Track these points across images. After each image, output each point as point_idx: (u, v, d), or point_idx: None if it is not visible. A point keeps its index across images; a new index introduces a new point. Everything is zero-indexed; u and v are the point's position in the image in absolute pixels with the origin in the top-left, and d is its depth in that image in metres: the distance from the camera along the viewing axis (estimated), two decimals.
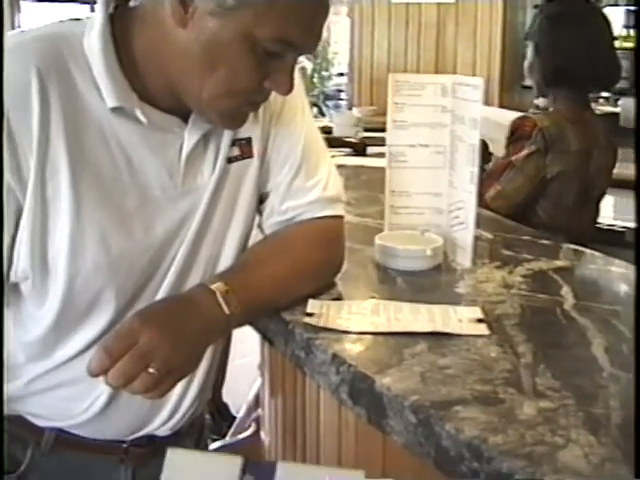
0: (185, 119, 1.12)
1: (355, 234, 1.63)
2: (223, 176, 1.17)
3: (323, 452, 1.56)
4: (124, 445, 1.24)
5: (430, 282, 1.36)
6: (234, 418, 2.69)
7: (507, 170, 2.15)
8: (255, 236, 1.27)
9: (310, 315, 1.18)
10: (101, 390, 1.17)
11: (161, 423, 1.23)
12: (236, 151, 1.19)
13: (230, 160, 1.18)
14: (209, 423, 1.49)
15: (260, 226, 1.28)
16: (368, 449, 1.32)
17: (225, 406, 2.88)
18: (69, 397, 1.18)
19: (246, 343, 2.29)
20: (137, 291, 1.13)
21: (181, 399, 1.24)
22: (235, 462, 0.81)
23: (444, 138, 1.50)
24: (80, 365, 1.14)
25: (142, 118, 1.07)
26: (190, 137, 1.12)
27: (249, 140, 1.21)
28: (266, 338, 1.25)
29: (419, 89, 1.50)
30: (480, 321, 1.17)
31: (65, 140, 1.03)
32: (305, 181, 1.24)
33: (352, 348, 1.07)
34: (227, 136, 1.17)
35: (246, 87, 1.05)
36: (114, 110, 1.06)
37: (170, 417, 1.24)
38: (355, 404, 1.02)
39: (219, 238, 1.19)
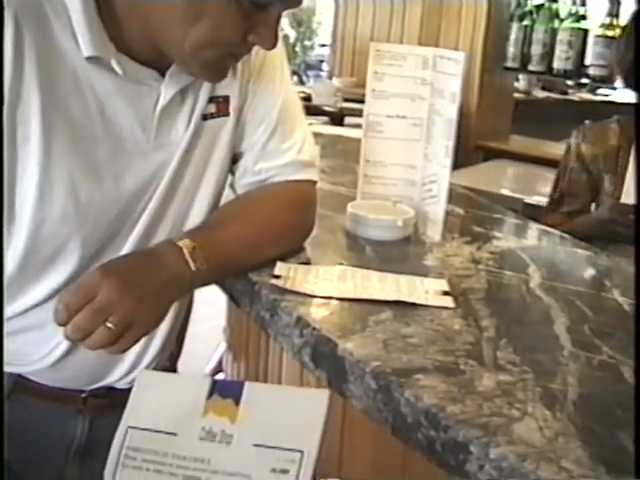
0: (162, 73, 1.11)
1: (327, 201, 1.63)
2: (197, 133, 1.16)
3: None
4: (82, 395, 1.24)
5: (399, 253, 1.36)
6: None
7: None
8: (227, 196, 1.26)
9: (277, 277, 1.17)
10: (61, 338, 1.17)
11: (121, 376, 1.23)
12: (212, 108, 1.19)
13: (205, 117, 1.18)
14: None
15: (232, 186, 1.28)
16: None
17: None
18: (29, 342, 1.18)
19: (211, 307, 2.29)
20: (103, 243, 1.13)
21: (142, 353, 1.24)
22: (203, 383, 0.81)
23: (422, 111, 1.49)
24: (42, 313, 1.14)
25: (118, 69, 1.06)
26: (167, 91, 1.11)
27: (226, 98, 1.20)
28: (232, 298, 1.25)
29: (400, 60, 1.49)
30: (446, 293, 1.17)
31: (38, 85, 1.01)
32: (280, 143, 1.24)
33: (317, 312, 1.08)
34: (204, 93, 1.17)
35: (230, 38, 1.04)
36: (90, 59, 1.04)
37: (130, 370, 1.24)
38: (317, 367, 1.02)
39: (189, 195, 1.19)
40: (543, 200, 2.92)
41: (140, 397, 0.85)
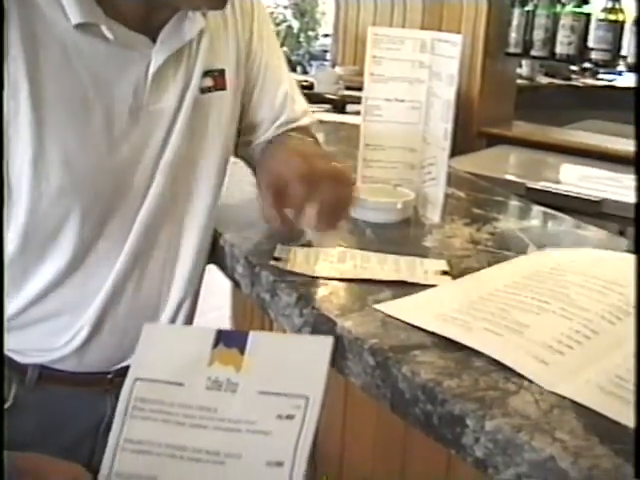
0: (153, 39, 1.12)
1: None
2: (197, 107, 1.18)
3: None
4: (109, 376, 1.25)
5: (399, 235, 1.37)
6: None
7: None
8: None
9: (277, 259, 1.19)
10: (82, 324, 1.18)
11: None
12: (209, 82, 1.21)
13: (203, 91, 1.20)
14: None
15: (242, 153, 1.38)
16: (330, 391, 1.34)
17: None
18: (49, 331, 1.19)
19: (218, 297, 2.30)
20: (104, 218, 1.14)
21: None
22: (209, 333, 0.83)
23: (420, 94, 1.50)
24: (55, 299, 1.15)
25: (108, 34, 1.06)
26: (157, 57, 1.12)
27: (222, 72, 1.23)
28: (233, 281, 1.26)
29: (398, 43, 1.50)
30: (445, 273, 1.18)
31: (24, 59, 1.02)
32: (291, 97, 1.39)
33: (317, 292, 1.09)
34: (199, 67, 1.19)
35: None
36: (78, 27, 1.05)
37: None
38: None
39: (196, 170, 1.21)
40: (547, 185, 2.93)
41: (146, 349, 0.86)
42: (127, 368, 1.23)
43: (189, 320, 1.32)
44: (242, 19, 1.29)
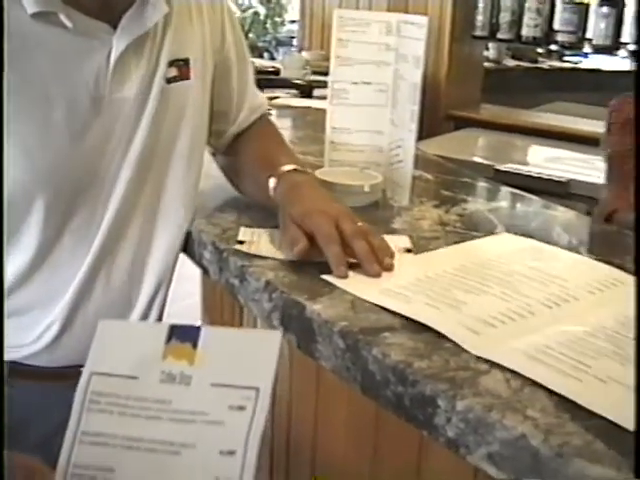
0: (114, 26, 1.10)
1: None
2: (164, 96, 1.17)
3: None
4: (82, 369, 1.23)
5: (367, 218, 1.35)
6: None
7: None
8: None
9: (241, 243, 1.18)
10: (52, 320, 1.17)
11: None
12: (174, 72, 1.19)
13: (169, 81, 1.18)
14: None
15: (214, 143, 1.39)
16: (302, 376, 1.34)
17: None
18: (18, 328, 1.16)
19: (190, 283, 2.29)
20: (70, 212, 1.12)
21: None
22: (162, 328, 0.83)
23: (387, 76, 1.49)
24: (22, 295, 1.14)
25: (67, 22, 1.05)
26: (118, 44, 1.10)
27: (186, 61, 1.21)
28: (201, 267, 1.25)
29: (364, 26, 1.49)
30: (408, 251, 1.19)
31: None
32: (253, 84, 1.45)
33: (285, 276, 1.08)
34: (165, 56, 1.17)
35: None
36: (36, 16, 1.03)
37: None
38: (286, 330, 1.03)
39: (166, 161, 1.20)
40: (515, 167, 2.94)
41: (101, 344, 0.88)
42: None
43: (162, 311, 1.31)
44: (212, 8, 1.29)
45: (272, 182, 1.25)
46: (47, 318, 1.17)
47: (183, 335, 0.82)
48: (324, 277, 1.07)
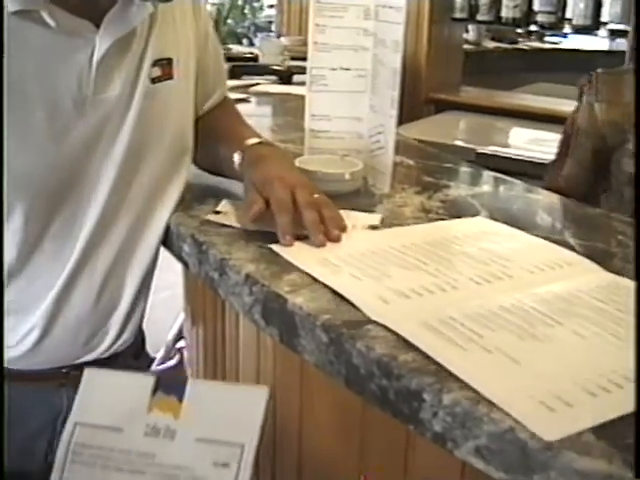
0: (97, 24, 1.08)
1: None
2: (149, 96, 1.15)
3: (243, 379, 1.55)
4: (63, 370, 1.21)
5: (348, 205, 1.33)
6: (152, 360, 2.67)
7: None
8: None
9: (217, 213, 1.18)
10: (32, 325, 1.15)
11: (103, 350, 1.22)
12: (158, 71, 1.17)
13: (154, 81, 1.16)
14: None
15: None
16: (286, 370, 1.32)
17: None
18: None
19: (172, 274, 2.26)
20: (50, 214, 1.10)
21: (124, 326, 1.23)
22: (148, 380, 0.84)
23: (366, 62, 1.47)
24: (5, 298, 1.11)
25: (50, 21, 1.02)
26: (102, 42, 1.07)
27: (170, 61, 1.20)
28: (181, 260, 1.23)
29: (341, 11, 1.46)
30: (373, 228, 1.21)
31: None
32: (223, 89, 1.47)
33: (266, 268, 1.06)
34: (150, 56, 1.15)
35: None
36: (18, 14, 1.00)
37: (112, 344, 1.23)
38: (268, 324, 1.01)
39: (147, 161, 1.18)
40: (497, 150, 2.93)
41: (87, 394, 0.88)
42: (83, 364, 1.22)
43: (143, 312, 1.29)
44: (196, 9, 1.29)
45: (237, 156, 1.26)
46: (27, 323, 1.15)
47: (169, 388, 0.83)
48: (270, 246, 1.10)
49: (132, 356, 1.32)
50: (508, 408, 0.74)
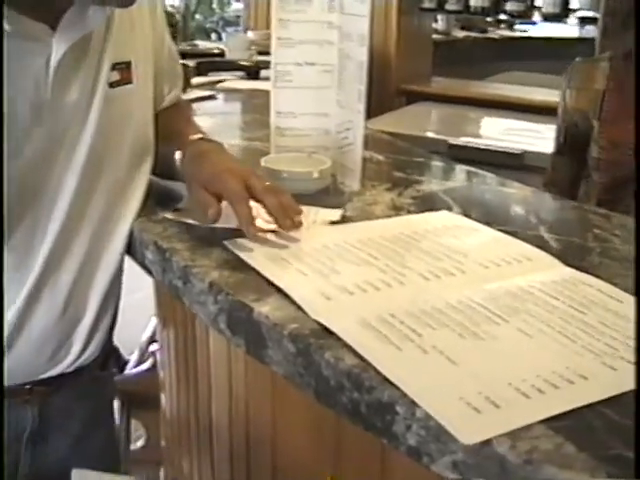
0: (53, 27, 1.03)
1: (242, 158, 1.57)
2: (108, 101, 1.11)
3: (215, 384, 1.52)
4: (27, 387, 1.17)
5: (317, 205, 1.30)
6: (126, 363, 2.63)
7: None
8: None
9: (177, 210, 1.16)
10: None
11: (68, 364, 1.18)
12: (116, 76, 1.13)
13: (112, 85, 1.12)
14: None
15: None
16: (257, 377, 1.28)
17: (115, 350, 2.80)
18: None
19: (145, 275, 2.22)
20: (8, 227, 1.05)
21: (89, 339, 1.19)
22: None
23: (332, 56, 1.43)
24: None
25: (5, 25, 0.97)
26: (59, 46, 1.03)
27: (128, 64, 1.15)
28: (144, 267, 1.19)
29: (304, 4, 1.42)
30: (333, 223, 1.19)
31: None
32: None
33: (230, 275, 1.01)
34: (108, 59, 1.11)
35: None
36: None
37: (78, 358, 1.19)
38: (234, 335, 0.97)
39: (109, 168, 1.13)
40: (470, 141, 2.90)
41: None
42: (48, 379, 1.17)
43: (112, 322, 1.25)
44: (153, 12, 1.26)
45: (178, 154, 1.22)
46: None
47: None
48: (225, 243, 1.08)
49: (98, 368, 1.28)
50: (430, 409, 0.72)
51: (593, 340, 0.85)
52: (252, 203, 1.08)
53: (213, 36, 7.43)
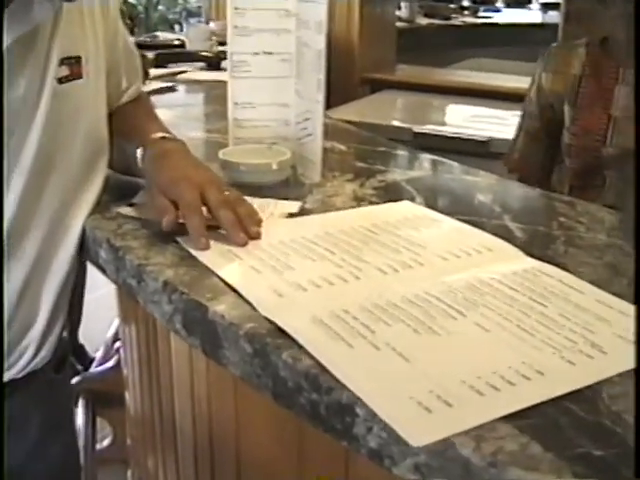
0: None
1: (201, 150, 1.53)
2: (57, 98, 1.06)
3: (177, 382, 1.49)
4: None
5: (276, 197, 1.27)
6: (92, 360, 2.59)
7: None
8: None
9: (132, 205, 1.14)
10: None
11: (19, 371, 1.14)
12: (65, 71, 1.08)
13: (61, 80, 1.07)
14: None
15: None
16: (219, 376, 1.25)
17: (81, 348, 2.76)
18: None
19: None
20: None
21: (41, 343, 1.16)
22: None
23: (289, 45, 1.39)
24: None
25: None
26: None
27: (78, 59, 1.11)
28: (98, 267, 1.15)
29: None
30: (291, 215, 1.16)
31: None
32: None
33: (185, 273, 0.98)
34: (56, 54, 1.06)
35: None
36: None
37: (29, 363, 1.15)
38: (189, 335, 0.93)
39: (65, 164, 1.10)
40: (434, 128, 2.88)
41: None
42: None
43: (78, 302, 1.22)
44: (104, 7, 1.20)
45: (139, 151, 1.19)
46: None
47: None
48: (178, 239, 1.05)
49: (53, 370, 1.24)
50: (378, 410, 0.70)
51: (552, 333, 0.82)
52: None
53: (176, 27, 7.35)
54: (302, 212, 1.20)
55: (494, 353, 0.79)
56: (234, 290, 0.92)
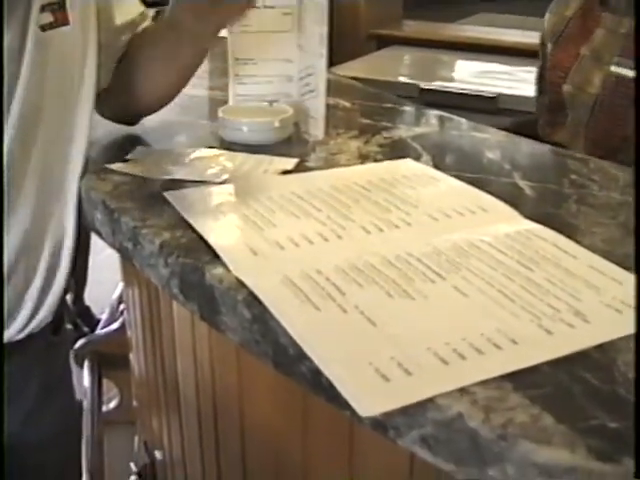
0: None
1: (201, 108, 1.49)
2: (40, 46, 1.02)
3: (179, 346, 1.46)
4: None
5: (279, 155, 1.23)
6: (97, 322, 2.58)
7: None
8: None
9: (126, 161, 1.11)
10: None
11: (14, 334, 1.11)
12: (49, 17, 1.04)
13: (44, 28, 1.03)
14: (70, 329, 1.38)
15: None
16: (221, 341, 1.22)
17: (87, 310, 2.74)
18: None
19: None
20: None
21: (38, 306, 1.13)
22: None
23: None
24: None
25: None
26: None
27: (62, 4, 1.06)
28: (94, 230, 1.11)
29: None
30: (285, 172, 1.13)
31: None
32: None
33: (182, 235, 0.94)
34: (37, 1, 1.01)
35: None
36: None
37: (25, 326, 1.12)
38: (187, 300, 0.90)
39: (54, 114, 1.06)
40: (441, 84, 2.83)
41: None
42: None
43: (82, 265, 1.19)
44: None
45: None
46: None
47: None
48: (165, 194, 1.03)
49: (51, 332, 1.21)
50: (331, 376, 0.68)
51: (535, 300, 0.78)
52: None
53: None
54: (301, 169, 1.16)
55: (468, 319, 0.75)
56: None
